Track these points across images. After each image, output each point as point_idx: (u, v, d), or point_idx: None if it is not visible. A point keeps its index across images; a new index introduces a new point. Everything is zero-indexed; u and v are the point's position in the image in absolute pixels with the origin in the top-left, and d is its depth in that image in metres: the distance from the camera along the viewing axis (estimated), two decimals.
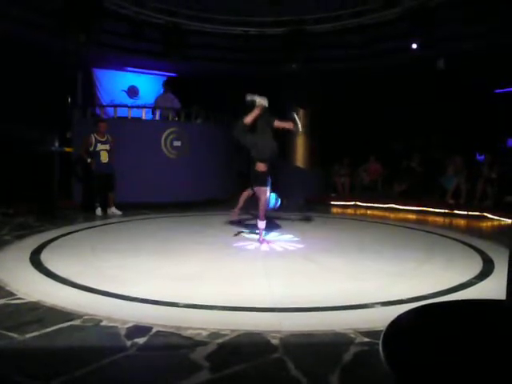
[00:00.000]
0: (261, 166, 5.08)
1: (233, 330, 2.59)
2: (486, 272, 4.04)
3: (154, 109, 9.18)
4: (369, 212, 8.86)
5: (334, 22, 9.21)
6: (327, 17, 9.18)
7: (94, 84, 11.11)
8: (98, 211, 7.42)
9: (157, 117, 9.16)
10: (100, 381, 2.06)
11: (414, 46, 8.53)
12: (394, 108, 10.47)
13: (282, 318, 2.85)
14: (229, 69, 10.56)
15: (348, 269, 4.21)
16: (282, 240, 5.54)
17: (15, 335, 2.48)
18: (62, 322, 2.67)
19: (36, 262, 4.16)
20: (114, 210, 7.59)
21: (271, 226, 6.58)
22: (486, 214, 8.01)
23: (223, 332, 2.57)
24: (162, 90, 9.72)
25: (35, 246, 4.81)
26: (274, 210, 5.60)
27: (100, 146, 7.50)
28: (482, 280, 3.78)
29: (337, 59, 10.06)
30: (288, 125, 5.35)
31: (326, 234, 6.11)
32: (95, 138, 7.48)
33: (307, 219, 5.95)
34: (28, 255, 4.38)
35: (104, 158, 7.50)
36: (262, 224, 5.17)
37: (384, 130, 10.72)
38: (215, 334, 2.54)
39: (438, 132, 10.61)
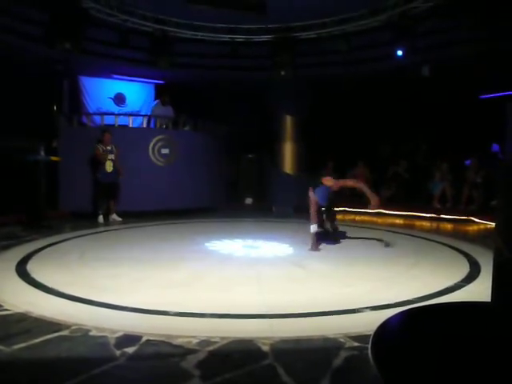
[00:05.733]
0: None
1: (223, 338, 2.59)
2: (472, 275, 4.09)
3: (149, 118, 9.21)
4: (357, 218, 8.92)
5: (321, 30, 9.31)
6: (314, 24, 9.28)
7: (81, 92, 11.05)
8: (100, 219, 7.55)
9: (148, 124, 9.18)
10: None
11: (400, 53, 8.65)
12: (380, 115, 10.59)
13: (273, 325, 2.85)
14: (217, 76, 10.59)
15: (337, 274, 4.23)
16: (273, 246, 5.56)
17: (2, 347, 2.44)
18: (50, 333, 2.64)
19: (22, 272, 4.10)
20: (114, 217, 7.76)
21: (262, 232, 6.59)
22: (471, 218, 8.12)
23: (213, 339, 2.56)
24: (156, 101, 9.67)
25: (21, 256, 4.74)
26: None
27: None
28: (468, 283, 3.83)
29: (324, 66, 10.15)
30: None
31: None
32: (102, 149, 7.56)
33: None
34: (14, 266, 4.31)
35: (109, 167, 7.66)
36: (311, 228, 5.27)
37: (371, 136, 10.83)
38: (205, 342, 2.53)
39: (424, 138, 10.75)
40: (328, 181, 5.19)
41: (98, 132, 7.89)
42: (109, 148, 7.66)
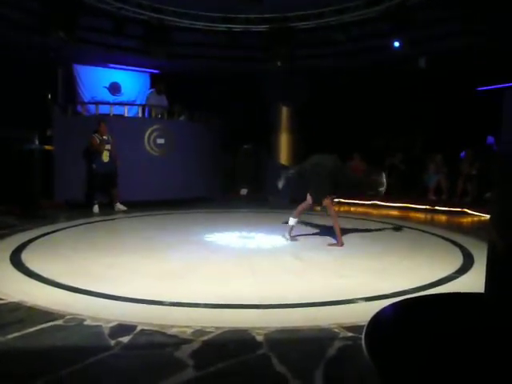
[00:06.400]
0: None
1: (217, 328, 2.59)
2: (466, 266, 4.12)
3: (143, 107, 9.11)
4: (352, 209, 8.94)
5: (318, 20, 9.24)
6: (311, 14, 9.21)
7: (75, 80, 10.93)
8: (96, 209, 7.52)
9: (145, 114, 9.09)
10: (84, 380, 2.04)
11: (397, 44, 8.60)
12: (376, 106, 10.57)
13: (267, 315, 2.86)
14: (213, 66, 10.51)
15: (333, 265, 4.25)
16: (269, 237, 5.57)
17: None
18: (44, 322, 2.64)
19: (17, 261, 4.08)
20: (119, 206, 7.76)
21: (258, 223, 6.60)
22: (465, 210, 8.16)
23: (208, 329, 2.57)
24: (152, 90, 9.57)
25: (16, 245, 4.72)
26: None
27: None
28: (462, 274, 3.86)
29: (321, 57, 10.09)
30: None
31: (311, 231, 6.15)
32: (99, 139, 7.57)
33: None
34: (8, 255, 4.29)
35: (105, 157, 7.64)
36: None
37: (367, 128, 10.81)
38: (200, 332, 2.53)
39: (419, 130, 10.75)
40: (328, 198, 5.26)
41: (92, 121, 7.82)
42: (105, 138, 7.61)
